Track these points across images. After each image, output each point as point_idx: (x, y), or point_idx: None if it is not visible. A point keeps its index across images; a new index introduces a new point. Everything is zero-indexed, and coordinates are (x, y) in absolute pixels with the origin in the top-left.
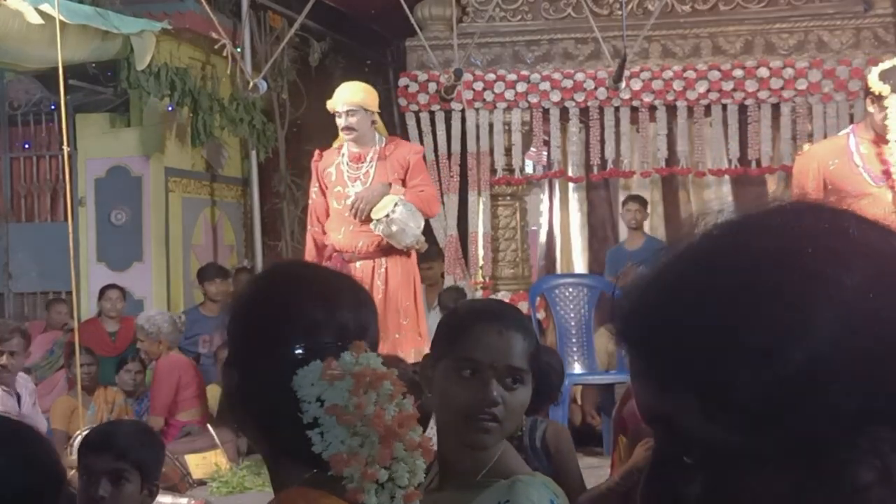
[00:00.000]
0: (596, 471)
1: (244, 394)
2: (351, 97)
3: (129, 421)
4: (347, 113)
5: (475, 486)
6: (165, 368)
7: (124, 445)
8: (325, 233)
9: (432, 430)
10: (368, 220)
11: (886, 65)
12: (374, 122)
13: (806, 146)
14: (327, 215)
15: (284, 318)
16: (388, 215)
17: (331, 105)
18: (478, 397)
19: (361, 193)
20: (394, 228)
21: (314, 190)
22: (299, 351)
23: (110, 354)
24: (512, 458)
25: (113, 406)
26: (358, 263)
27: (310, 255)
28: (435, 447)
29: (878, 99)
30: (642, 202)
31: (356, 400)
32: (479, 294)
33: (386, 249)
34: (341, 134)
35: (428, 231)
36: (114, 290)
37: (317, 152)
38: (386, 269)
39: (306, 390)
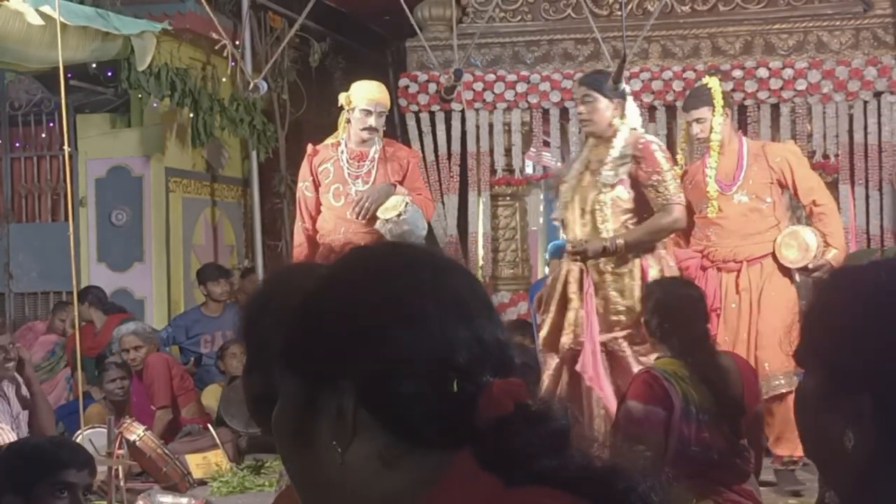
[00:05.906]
0: None
1: None
2: (382, 98)
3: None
4: (379, 114)
5: None
6: (157, 362)
7: (92, 462)
8: (316, 230)
9: None
10: (372, 219)
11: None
12: None
13: None
14: (318, 212)
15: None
16: (399, 214)
17: (355, 101)
18: None
19: (367, 192)
20: (405, 228)
21: (305, 185)
22: None
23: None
24: None
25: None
26: None
27: (302, 251)
28: None
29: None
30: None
31: None
32: None
33: None
34: (359, 133)
35: (428, 231)
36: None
37: (311, 147)
38: None
39: None
